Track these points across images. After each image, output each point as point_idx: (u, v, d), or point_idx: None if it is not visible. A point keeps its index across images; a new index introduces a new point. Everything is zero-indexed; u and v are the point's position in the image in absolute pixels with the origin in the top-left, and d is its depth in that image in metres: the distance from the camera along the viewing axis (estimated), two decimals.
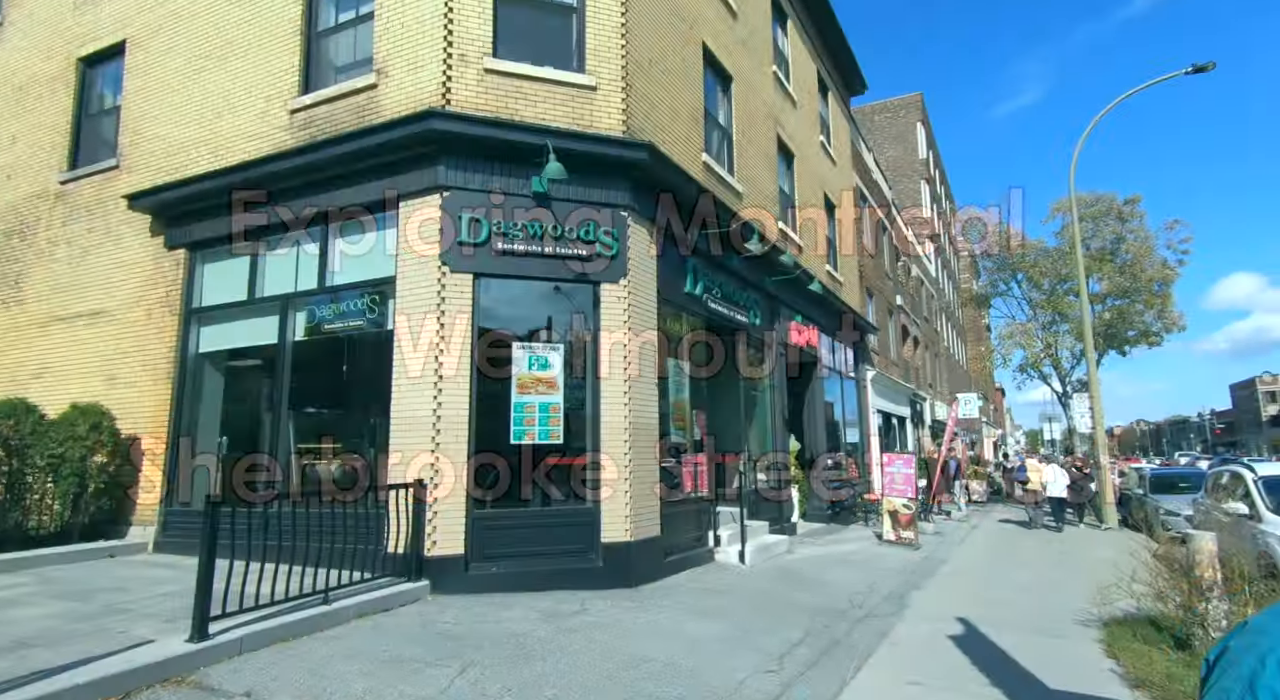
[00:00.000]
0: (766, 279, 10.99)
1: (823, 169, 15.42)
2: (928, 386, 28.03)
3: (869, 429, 17.35)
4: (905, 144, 36.88)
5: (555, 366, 6.85)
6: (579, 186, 7.06)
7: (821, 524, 13.16)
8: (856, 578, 7.95)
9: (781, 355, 11.79)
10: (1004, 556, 10.33)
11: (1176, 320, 17.86)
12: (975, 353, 46.81)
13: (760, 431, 11.43)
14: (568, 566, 6.54)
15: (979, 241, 21.60)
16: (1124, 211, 18.08)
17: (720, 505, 9.85)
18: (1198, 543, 5.04)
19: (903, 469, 10.96)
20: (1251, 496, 7.27)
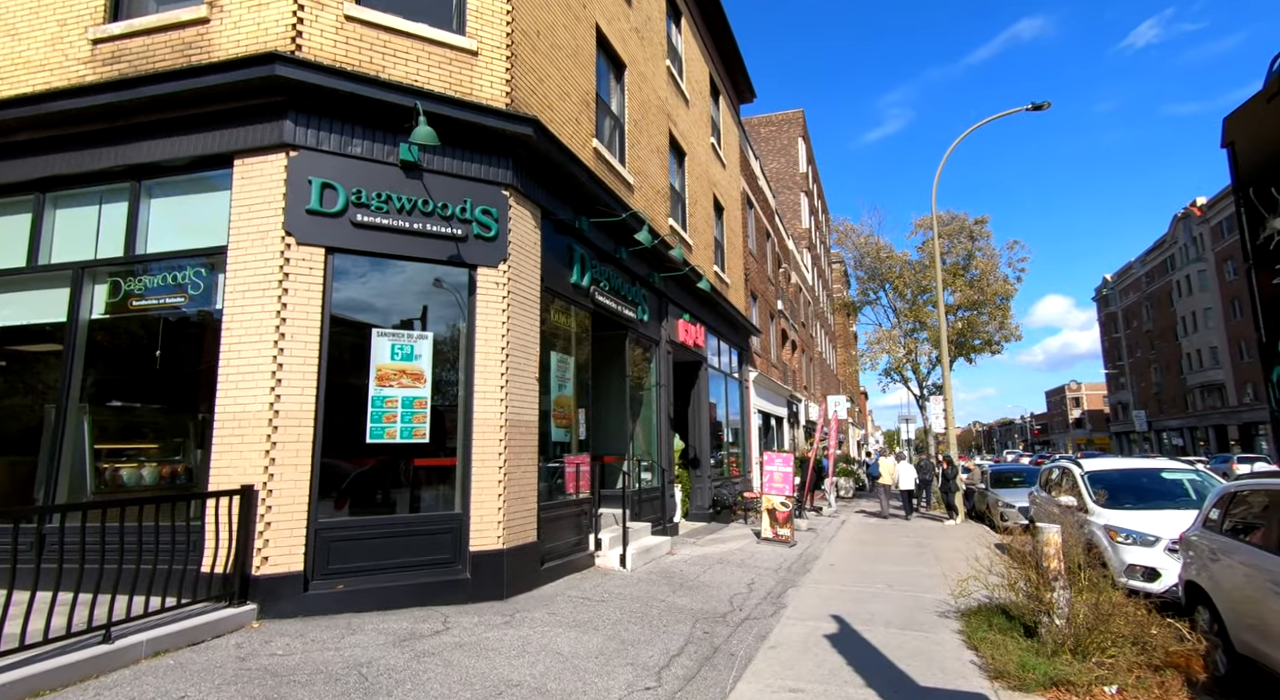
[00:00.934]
0: (656, 275, 10.80)
1: (713, 170, 15.58)
2: (803, 388, 29.51)
3: (750, 428, 17.80)
4: (787, 157, 38.74)
5: (423, 357, 6.14)
6: (455, 159, 6.41)
7: (703, 523, 13.21)
8: (736, 578, 7.89)
9: (669, 353, 11.66)
10: (870, 550, 10.82)
11: (1014, 331, 20.13)
12: (844, 358, 50.25)
13: (646, 430, 11.22)
14: (431, 579, 5.86)
15: (852, 252, 23.02)
16: (974, 230, 20.10)
17: (604, 507, 9.50)
18: (1045, 535, 5.34)
19: (781, 467, 11.19)
20: (1079, 489, 8.03)
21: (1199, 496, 7.70)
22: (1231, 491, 4.88)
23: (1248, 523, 4.60)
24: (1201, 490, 7.78)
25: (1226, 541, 4.72)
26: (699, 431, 13.72)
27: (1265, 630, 4.14)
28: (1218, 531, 4.87)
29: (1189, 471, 8.06)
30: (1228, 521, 4.83)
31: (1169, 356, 60.44)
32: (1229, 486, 4.96)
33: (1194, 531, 5.26)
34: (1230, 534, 4.73)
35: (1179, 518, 6.77)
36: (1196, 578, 5.00)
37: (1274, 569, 4.00)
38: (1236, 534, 4.66)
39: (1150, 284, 63.95)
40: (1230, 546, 4.63)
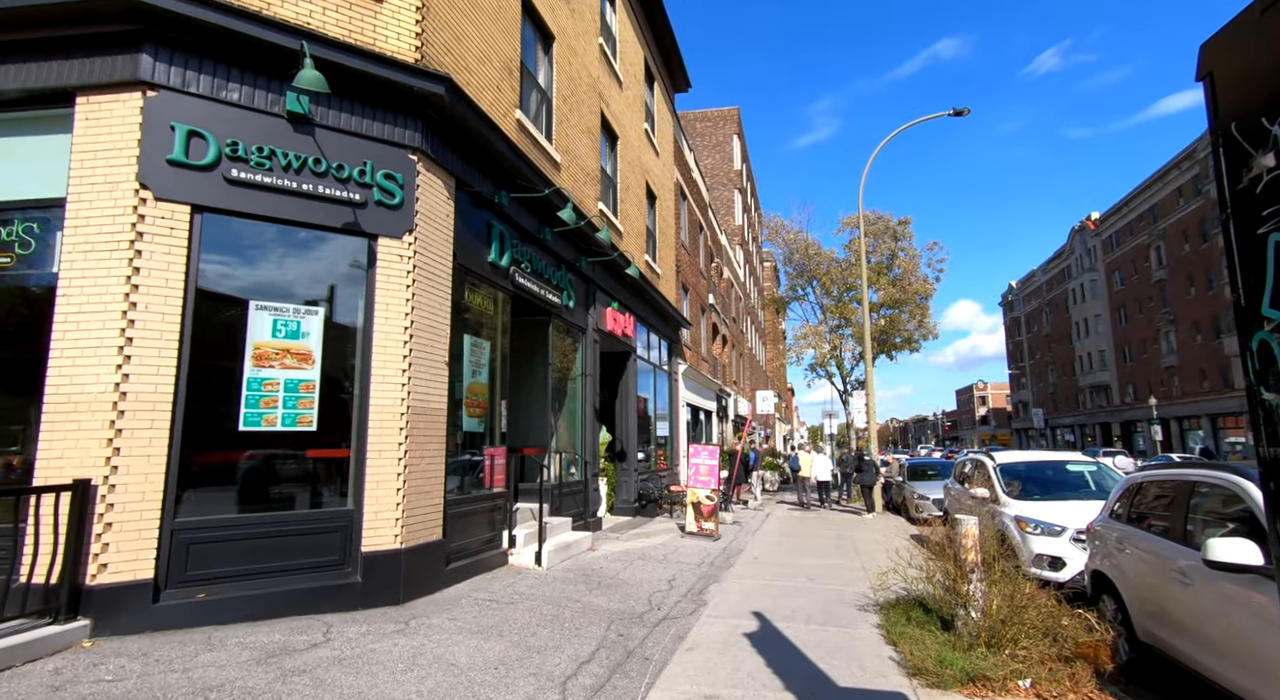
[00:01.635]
0: (583, 260, 10.34)
1: (646, 158, 15.24)
2: (733, 383, 29.80)
3: (678, 421, 17.65)
4: (722, 153, 39.01)
5: (312, 335, 5.46)
6: (355, 116, 5.74)
7: (629, 517, 12.91)
8: (658, 574, 7.60)
9: (596, 342, 11.25)
10: (793, 543, 10.81)
11: (932, 329, 20.97)
12: (773, 354, 51.39)
13: (570, 421, 10.76)
14: (315, 584, 5.22)
15: (781, 247, 23.36)
16: (898, 231, 20.78)
17: (523, 501, 9.00)
18: (963, 528, 5.30)
19: (707, 460, 11.02)
20: (992, 481, 8.23)
21: (1098, 487, 8.03)
22: (1137, 482, 4.96)
23: (1150, 512, 4.67)
24: (1100, 481, 8.11)
25: (1131, 531, 4.78)
26: (626, 424, 13.39)
27: (1164, 617, 4.19)
28: (1123, 521, 4.95)
29: (1090, 464, 8.41)
30: (1132, 512, 4.90)
31: (1064, 359, 65.29)
32: (1134, 478, 5.05)
33: (1100, 522, 5.35)
34: (1134, 524, 4.79)
35: (1082, 508, 6.98)
36: (1102, 567, 5.07)
37: (1173, 556, 4.04)
38: (1140, 524, 4.73)
39: (1050, 291, 68.82)
40: (1134, 536, 4.69)
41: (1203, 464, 4.18)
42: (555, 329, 9.80)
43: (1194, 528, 4.00)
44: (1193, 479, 4.12)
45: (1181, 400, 44.74)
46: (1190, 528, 4.02)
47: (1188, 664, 3.89)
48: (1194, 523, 4.00)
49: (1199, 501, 4.02)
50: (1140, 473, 4.99)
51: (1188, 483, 4.17)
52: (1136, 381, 51.88)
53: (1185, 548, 3.94)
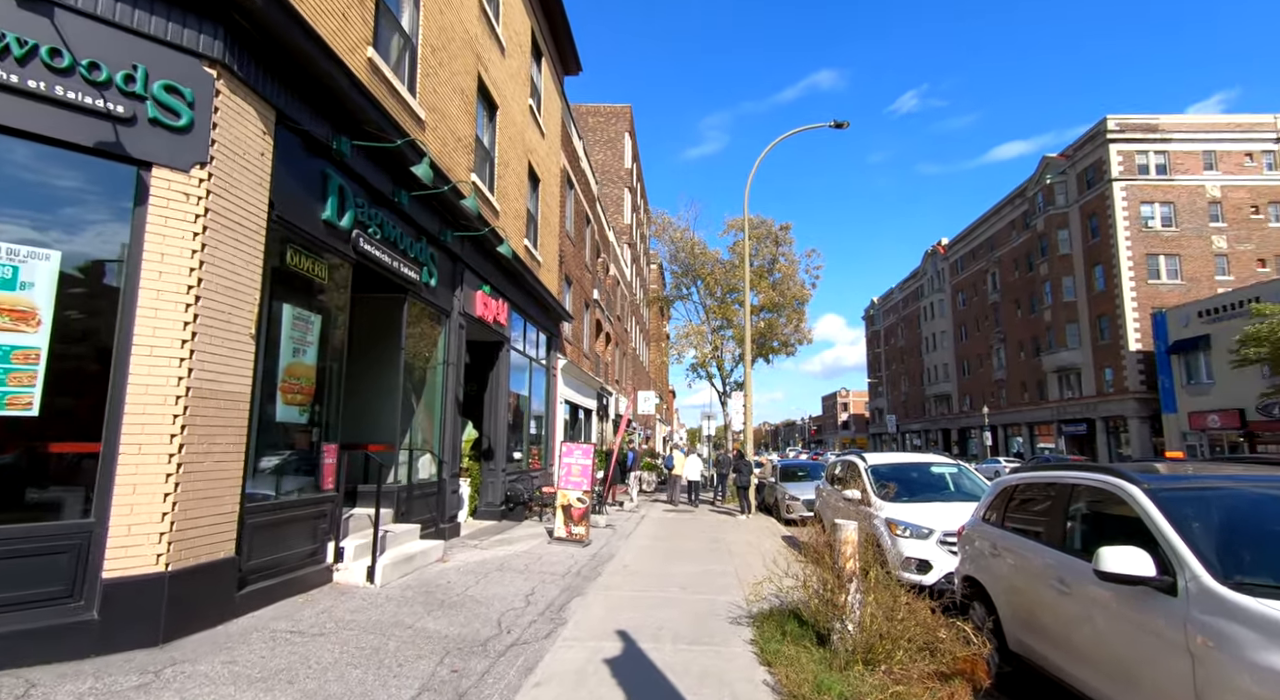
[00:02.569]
0: (448, 233, 9.20)
1: (530, 136, 14.24)
2: (615, 382, 29.31)
3: (555, 419, 16.74)
4: (613, 150, 38.58)
5: (37, 287, 4.03)
6: (127, 3, 4.37)
7: (493, 521, 11.84)
8: (515, 588, 6.70)
9: (462, 327, 10.11)
10: (666, 547, 10.32)
11: (808, 334, 21.70)
12: (656, 356, 51.76)
13: (428, 414, 9.55)
14: (26, 626, 3.82)
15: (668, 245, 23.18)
16: (780, 236, 21.30)
17: (360, 506, 7.74)
18: (843, 533, 4.93)
19: (580, 460, 10.25)
20: (864, 483, 8.17)
21: (957, 489, 8.19)
22: (1012, 485, 4.82)
23: (1026, 516, 4.52)
24: (960, 483, 8.29)
25: (1005, 535, 4.61)
26: (495, 419, 12.31)
27: (1035, 625, 3.99)
28: (997, 525, 4.78)
29: (951, 465, 8.62)
30: (1007, 515, 4.75)
31: (915, 370, 71.72)
32: (1007, 480, 4.92)
33: (973, 525, 5.20)
34: (1009, 528, 4.63)
35: (948, 510, 6.99)
36: (974, 572, 4.90)
37: (1052, 564, 3.83)
38: (1012, 527, 4.56)
39: (905, 308, 75.37)
40: (1008, 541, 4.52)
41: (1084, 466, 4.02)
42: (412, 309, 8.60)
43: (1073, 533, 3.81)
44: (1072, 482, 3.94)
45: (1007, 410, 50.47)
46: (1069, 533, 3.82)
47: (1058, 675, 3.68)
48: (1074, 528, 3.80)
49: (1079, 506, 3.84)
50: (1014, 475, 4.86)
51: (1066, 486, 4.00)
52: (972, 392, 57.95)
53: (1065, 554, 3.73)
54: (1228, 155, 38.84)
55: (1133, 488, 3.36)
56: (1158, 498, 3.19)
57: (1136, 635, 2.99)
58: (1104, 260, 39.19)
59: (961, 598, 5.17)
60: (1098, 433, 39.69)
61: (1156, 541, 3.04)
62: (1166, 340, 33.97)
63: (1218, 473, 3.65)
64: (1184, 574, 2.82)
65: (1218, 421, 31.16)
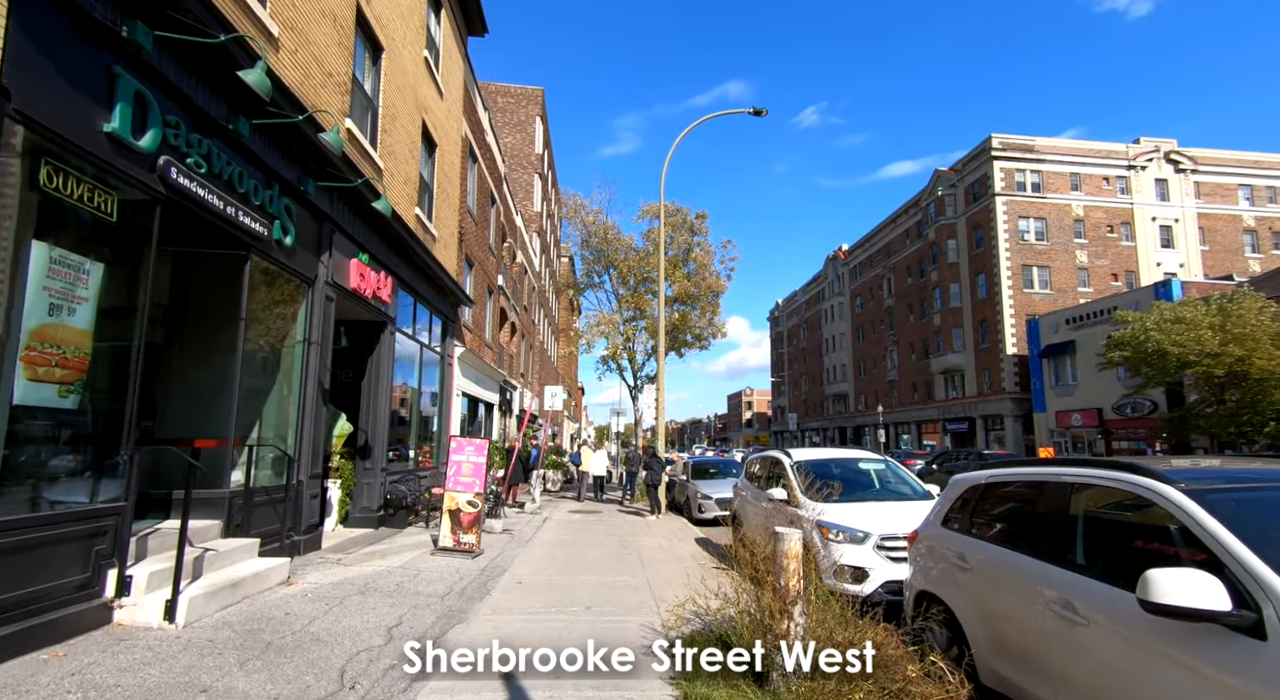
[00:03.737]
0: (310, 183, 7.57)
1: (425, 92, 12.60)
2: (520, 375, 27.72)
3: (450, 412, 15.11)
4: (524, 134, 36.82)
5: None
6: None
7: (368, 529, 10.20)
8: (377, 618, 5.34)
9: (330, 300, 8.47)
10: (569, 555, 9.18)
11: (721, 327, 21.21)
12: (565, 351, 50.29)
13: (282, 403, 7.86)
14: None
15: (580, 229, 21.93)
16: (695, 225, 20.65)
17: (168, 519, 6.05)
18: (787, 544, 4.03)
19: (472, 457, 8.89)
20: (790, 481, 7.43)
21: (888, 487, 7.63)
22: (978, 483, 4.09)
23: (999, 521, 3.79)
24: (888, 480, 7.75)
25: (971, 544, 3.87)
26: (374, 411, 10.65)
27: (1024, 659, 3.23)
28: (961, 532, 4.04)
29: (878, 461, 8.08)
30: (972, 520, 4.01)
31: (815, 370, 74.58)
32: (974, 477, 4.19)
33: (927, 530, 4.46)
34: (976, 535, 3.89)
35: (884, 511, 6.34)
36: (933, 588, 4.13)
37: (1041, 580, 3.09)
38: (985, 535, 3.82)
39: (808, 310, 78.24)
40: (976, 550, 3.77)
41: (1089, 462, 3.30)
42: (259, 271, 6.94)
43: (1078, 546, 3.06)
44: (1072, 480, 3.21)
45: (898, 409, 53.31)
46: (1073, 546, 3.07)
47: None
48: (1079, 540, 3.05)
49: (1084, 511, 3.10)
50: (984, 471, 4.14)
51: (1062, 486, 3.27)
52: (868, 392, 60.88)
53: (1072, 573, 2.97)
54: (1089, 178, 42.81)
55: (1167, 488, 2.63)
56: (1206, 502, 2.46)
57: (1197, 689, 2.22)
58: (986, 269, 42.03)
59: (914, 616, 4.41)
60: (978, 430, 42.57)
61: (1218, 562, 2.29)
62: (1039, 345, 36.81)
63: (1248, 469, 3.02)
64: (1274, 608, 2.07)
65: (1080, 420, 34.07)
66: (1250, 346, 19.23)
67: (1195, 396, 23.06)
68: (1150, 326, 21.41)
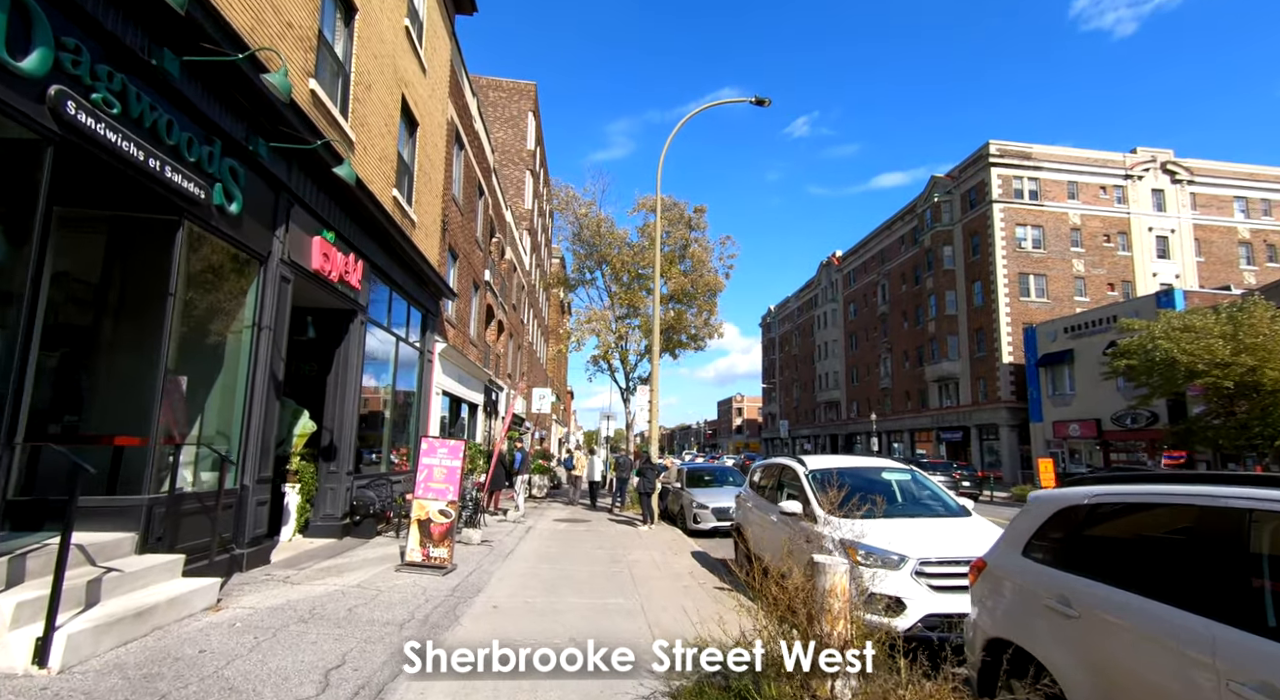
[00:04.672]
0: (261, 142, 6.60)
1: (405, 64, 11.65)
2: (506, 376, 26.69)
3: (429, 412, 14.10)
4: (515, 129, 35.93)
5: None
6: None
7: (329, 540, 9.18)
8: (312, 658, 4.36)
9: (287, 281, 7.48)
10: (554, 572, 8.21)
11: (718, 327, 20.26)
12: (555, 354, 49.25)
13: (222, 397, 6.86)
14: None
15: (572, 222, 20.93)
16: (693, 219, 19.75)
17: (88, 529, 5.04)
18: (827, 578, 3.12)
19: (446, 460, 7.92)
20: (805, 493, 6.52)
21: (912, 500, 6.73)
22: (1084, 504, 3.18)
23: (1121, 558, 2.89)
24: (918, 494, 6.85)
25: (1076, 584, 2.97)
26: (341, 408, 9.64)
27: None
28: (1062, 566, 3.13)
29: (903, 471, 7.17)
30: (1074, 553, 3.11)
31: (807, 377, 73.95)
32: (1076, 496, 3.26)
33: (1001, 560, 3.56)
34: (1083, 573, 2.98)
35: (921, 530, 5.46)
36: (1018, 637, 3.22)
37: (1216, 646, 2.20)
38: (1099, 575, 2.91)
39: (800, 316, 77.68)
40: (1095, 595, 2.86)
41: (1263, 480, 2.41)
42: (193, 240, 5.95)
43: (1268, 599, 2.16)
44: (1247, 507, 2.31)
45: (891, 417, 52.67)
46: (1266, 602, 2.17)
47: None
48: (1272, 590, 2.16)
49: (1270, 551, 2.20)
50: (1085, 488, 3.23)
51: (1230, 513, 2.36)
52: (860, 399, 60.25)
53: (1273, 644, 2.06)
54: (1086, 187, 42.47)
55: None
56: None
57: None
58: (983, 277, 41.52)
59: (980, 663, 3.50)
60: (972, 440, 41.95)
61: None
62: (1036, 353, 36.26)
63: None
64: None
65: (1078, 430, 33.49)
66: (1263, 357, 18.61)
67: (1200, 408, 22.45)
68: (1158, 334, 20.77)
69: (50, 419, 5.68)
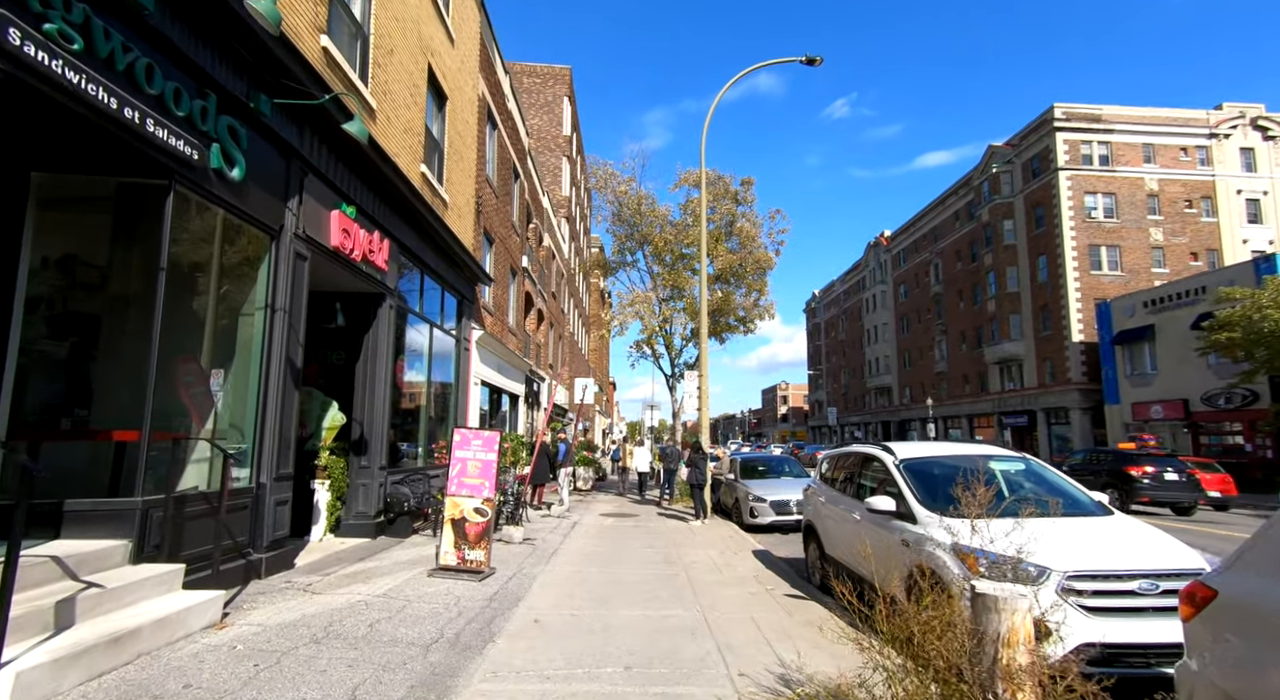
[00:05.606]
0: (264, 99, 5.87)
1: (431, 32, 10.90)
2: (548, 367, 26.10)
3: (467, 403, 13.47)
4: (551, 115, 35.18)
5: None
6: None
7: (362, 540, 8.58)
8: (318, 693, 3.59)
9: (303, 259, 6.80)
10: (602, 576, 7.37)
11: (769, 308, 19.02)
12: (597, 344, 48.64)
13: (234, 386, 6.22)
14: None
15: (611, 202, 19.93)
16: (740, 193, 18.51)
17: (57, 538, 4.44)
18: (1002, 619, 2.13)
19: (480, 453, 7.14)
20: (899, 487, 5.46)
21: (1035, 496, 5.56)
22: None
23: None
24: (1030, 487, 5.69)
25: None
26: (371, 399, 9.01)
27: None
28: None
29: (1015, 460, 6.01)
30: None
31: (855, 362, 71.49)
32: None
33: (1258, 594, 2.47)
34: None
35: (1059, 534, 4.36)
36: None
37: None
38: None
39: (847, 300, 75.09)
40: None
41: None
42: (187, 207, 5.27)
43: None
44: None
45: (948, 403, 50.19)
46: None
47: None
48: None
49: None
50: None
51: None
52: (913, 384, 57.75)
53: None
54: (1164, 149, 39.15)
55: None
56: None
57: None
58: (1048, 251, 38.83)
59: None
60: (1039, 424, 39.46)
61: None
62: (1111, 330, 33.65)
63: None
64: None
65: (1161, 412, 30.92)
66: None
67: None
68: (1266, 303, 18.60)
69: (33, 413, 5.10)
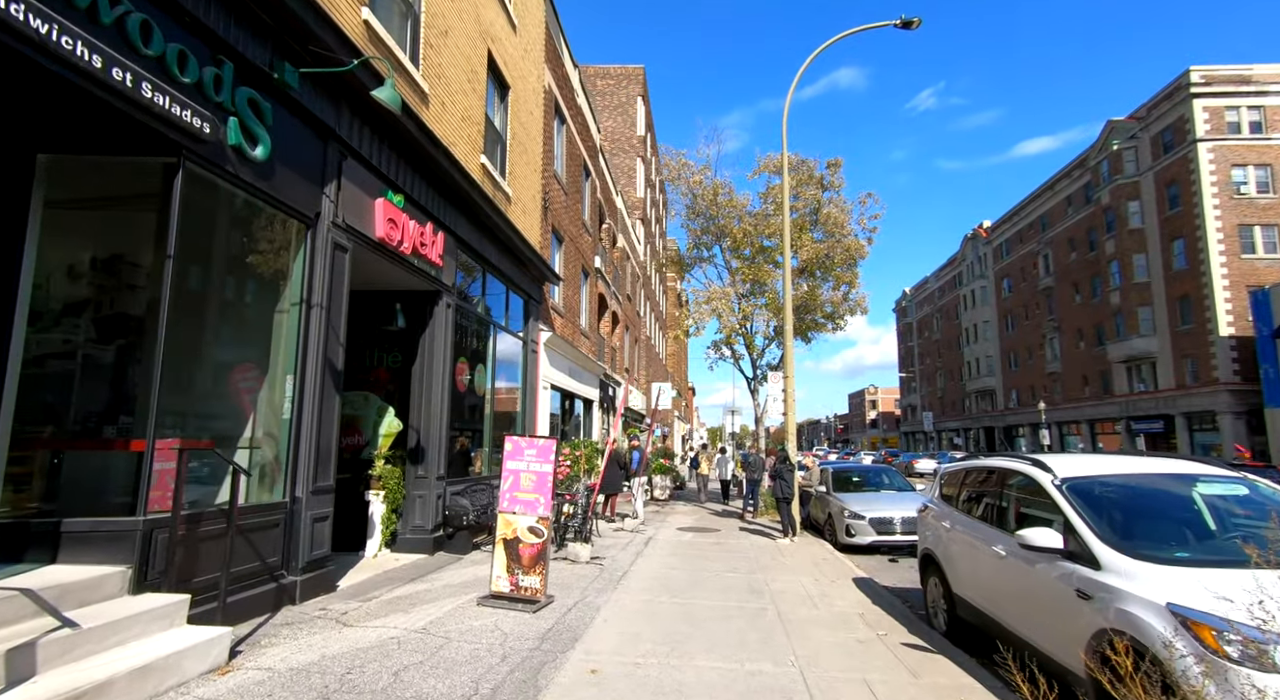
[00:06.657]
0: (289, 69, 5.29)
1: (491, 16, 10.33)
2: (624, 371, 25.35)
3: (535, 408, 12.84)
4: (624, 116, 34.66)
5: None
6: None
7: (423, 556, 7.98)
8: None
9: (344, 250, 6.23)
10: (676, 611, 6.33)
11: (861, 301, 17.24)
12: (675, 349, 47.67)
13: (269, 391, 5.68)
14: None
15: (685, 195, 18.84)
16: (826, 178, 16.88)
17: (54, 563, 3.91)
18: None
19: (535, 465, 6.29)
20: (1065, 516, 4.09)
21: (1257, 533, 4.01)
22: None
23: None
24: (1250, 522, 4.12)
25: None
26: (427, 404, 8.42)
27: None
28: None
29: (1231, 481, 4.44)
30: None
31: (953, 364, 66.59)
32: None
33: None
34: None
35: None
36: None
37: None
38: None
39: (941, 297, 70.21)
40: None
41: None
42: (201, 187, 4.72)
43: None
44: None
45: (1063, 406, 45.42)
46: None
47: None
48: None
49: None
50: None
51: None
52: (1020, 387, 52.87)
53: None
54: None
55: None
56: None
57: None
58: (1186, 233, 34.20)
59: None
60: (1178, 430, 34.73)
61: None
62: (1271, 322, 28.99)
63: None
64: None
65: None
66: None
67: None
68: None
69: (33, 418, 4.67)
